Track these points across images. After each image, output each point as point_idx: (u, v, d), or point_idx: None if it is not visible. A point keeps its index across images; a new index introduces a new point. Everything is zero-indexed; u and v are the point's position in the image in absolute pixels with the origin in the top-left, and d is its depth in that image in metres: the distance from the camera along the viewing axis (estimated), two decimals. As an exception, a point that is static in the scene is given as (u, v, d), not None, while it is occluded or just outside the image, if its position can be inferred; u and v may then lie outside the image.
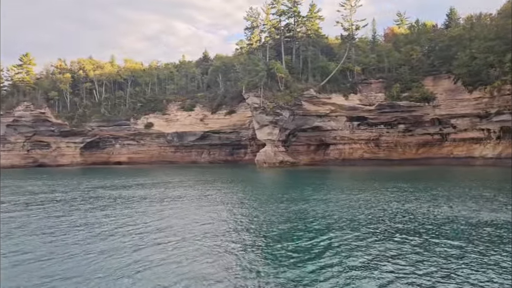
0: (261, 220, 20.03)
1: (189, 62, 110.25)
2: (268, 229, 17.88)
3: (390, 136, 72.37)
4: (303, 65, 71.83)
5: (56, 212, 23.45)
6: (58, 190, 36.18)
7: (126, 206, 25.44)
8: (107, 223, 19.51)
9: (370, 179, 43.63)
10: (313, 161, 74.53)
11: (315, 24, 72.97)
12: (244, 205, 25.78)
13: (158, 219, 20.68)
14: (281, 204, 24.89)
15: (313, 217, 20.26)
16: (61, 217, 21.46)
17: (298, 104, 68.05)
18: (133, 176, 55.28)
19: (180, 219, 20.71)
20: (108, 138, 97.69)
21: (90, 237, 16.54)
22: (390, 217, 19.85)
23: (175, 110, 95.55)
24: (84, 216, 21.58)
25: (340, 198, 27.08)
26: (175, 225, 18.88)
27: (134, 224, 19.08)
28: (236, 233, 17.15)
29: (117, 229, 17.98)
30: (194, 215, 21.68)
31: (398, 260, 12.46)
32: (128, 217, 21.26)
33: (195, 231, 17.35)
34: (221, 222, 19.49)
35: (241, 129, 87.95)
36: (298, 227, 17.86)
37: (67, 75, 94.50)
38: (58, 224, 19.57)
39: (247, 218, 20.82)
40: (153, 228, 18.09)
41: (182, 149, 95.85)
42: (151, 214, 22.27)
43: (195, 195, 31.02)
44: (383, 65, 74.32)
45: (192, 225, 18.73)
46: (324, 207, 23.23)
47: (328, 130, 73.13)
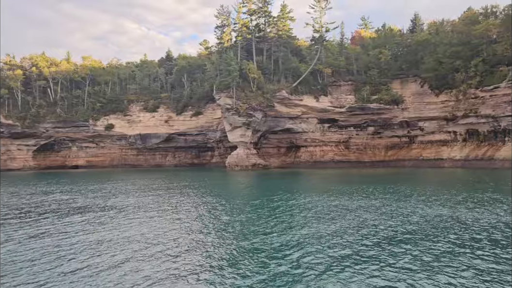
0: (240, 231, 17.90)
1: (151, 62, 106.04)
2: (249, 241, 15.92)
3: (359, 138, 72.84)
4: (274, 66, 70.62)
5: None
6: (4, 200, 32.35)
7: (80, 217, 22.34)
8: (56, 238, 16.92)
9: (341, 182, 42.86)
10: (284, 164, 73.50)
11: (286, 25, 72.02)
12: (220, 213, 23.15)
13: (122, 232, 17.82)
14: (260, 210, 23.41)
15: (290, 223, 19.25)
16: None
17: (271, 105, 66.78)
18: (91, 181, 50.94)
19: (149, 233, 17.62)
20: (64, 141, 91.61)
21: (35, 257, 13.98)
22: (358, 221, 19.34)
23: (137, 111, 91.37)
24: (31, 231, 18.42)
25: (319, 202, 25.92)
26: (141, 240, 16.16)
27: (88, 240, 16.43)
28: (214, 247, 15.14)
29: (72, 245, 15.60)
30: (162, 228, 18.65)
31: (365, 263, 12.52)
32: (81, 231, 18.44)
33: (162, 248, 14.98)
34: (194, 234, 17.40)
35: (208, 131, 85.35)
36: (285, 237, 16.34)
37: (18, 71, 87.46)
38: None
39: (224, 228, 18.65)
40: (111, 244, 15.66)
41: (145, 151, 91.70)
42: (109, 227, 19.02)
43: (164, 203, 27.19)
44: (352, 67, 74.97)
45: (160, 241, 15.95)
46: (306, 212, 22.18)
47: (299, 133, 72.44)
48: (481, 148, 60.87)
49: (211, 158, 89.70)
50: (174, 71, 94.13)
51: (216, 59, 68.55)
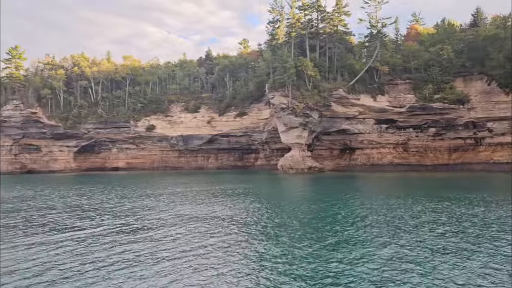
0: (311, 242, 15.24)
1: (190, 61, 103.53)
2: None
3: (419, 140, 68.20)
4: (329, 64, 66.71)
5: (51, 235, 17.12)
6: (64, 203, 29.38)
7: (133, 223, 20.10)
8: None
9: (404, 187, 39.44)
10: (339, 167, 69.44)
11: (342, 20, 68.05)
12: (287, 226, 19.06)
13: (175, 246, 15.05)
14: (329, 219, 20.25)
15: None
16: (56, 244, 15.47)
17: (327, 105, 62.89)
18: (137, 184, 48.03)
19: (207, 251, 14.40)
20: (104, 142, 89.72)
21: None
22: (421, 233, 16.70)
23: (178, 111, 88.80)
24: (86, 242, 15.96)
25: (391, 209, 22.30)
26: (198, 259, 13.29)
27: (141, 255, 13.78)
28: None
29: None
30: (221, 246, 15.17)
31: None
32: (133, 242, 15.88)
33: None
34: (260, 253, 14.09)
35: (254, 132, 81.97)
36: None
37: (60, 71, 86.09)
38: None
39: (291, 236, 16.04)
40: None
41: (187, 153, 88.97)
42: (163, 240, 16.29)
43: (220, 212, 23.30)
44: (409, 65, 70.43)
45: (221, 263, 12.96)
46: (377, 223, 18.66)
47: (355, 134, 68.32)
48: None
49: (256, 160, 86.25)
50: (216, 71, 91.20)
51: (269, 56, 64.93)
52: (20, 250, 14.62)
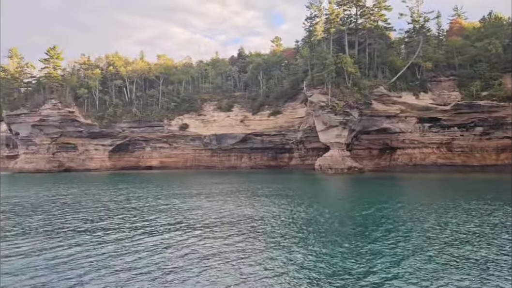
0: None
1: (222, 60, 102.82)
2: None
3: (464, 140, 64.82)
4: (369, 60, 64.32)
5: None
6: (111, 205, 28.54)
7: (172, 223, 19.33)
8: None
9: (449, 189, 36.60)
10: (379, 167, 66.92)
11: (382, 15, 65.52)
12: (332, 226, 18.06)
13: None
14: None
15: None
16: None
17: (368, 103, 60.61)
18: (172, 183, 47.04)
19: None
20: (138, 141, 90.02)
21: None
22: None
23: (211, 110, 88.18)
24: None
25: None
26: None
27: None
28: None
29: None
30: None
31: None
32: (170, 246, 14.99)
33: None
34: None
35: (288, 131, 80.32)
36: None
37: (96, 71, 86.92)
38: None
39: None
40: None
41: (219, 152, 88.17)
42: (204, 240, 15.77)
43: (266, 213, 22.24)
44: (453, 61, 67.17)
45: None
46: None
47: (396, 133, 65.64)
48: None
49: (289, 160, 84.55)
50: (249, 69, 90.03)
51: (307, 53, 63.10)
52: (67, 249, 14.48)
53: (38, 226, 19.07)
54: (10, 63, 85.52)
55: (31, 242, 15.67)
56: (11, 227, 18.98)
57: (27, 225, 19.49)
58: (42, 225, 19.47)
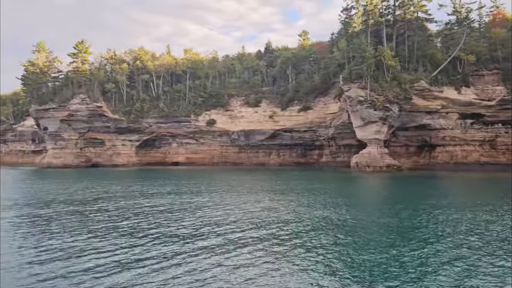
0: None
1: (249, 55, 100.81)
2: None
3: (509, 137, 61.44)
4: (409, 53, 61.38)
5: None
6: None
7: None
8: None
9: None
10: (417, 165, 64.07)
11: (423, 6, 62.37)
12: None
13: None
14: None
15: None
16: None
17: (408, 98, 57.81)
18: (200, 180, 45.56)
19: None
20: (165, 137, 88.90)
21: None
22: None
23: (238, 106, 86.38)
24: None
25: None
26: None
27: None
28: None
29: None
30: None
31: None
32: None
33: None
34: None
35: (319, 127, 77.90)
36: None
37: (124, 66, 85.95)
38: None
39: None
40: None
41: (247, 149, 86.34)
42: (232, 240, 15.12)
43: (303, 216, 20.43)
44: (496, 54, 63.68)
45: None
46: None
47: (435, 130, 62.65)
48: None
49: (320, 157, 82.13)
50: (278, 63, 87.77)
51: (344, 45, 60.48)
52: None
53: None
54: (38, 57, 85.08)
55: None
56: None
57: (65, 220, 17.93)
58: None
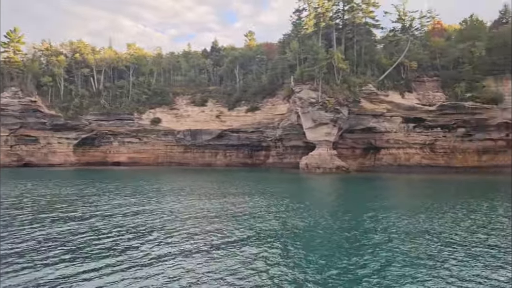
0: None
1: (195, 52, 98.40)
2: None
3: (446, 141, 64.93)
4: (357, 57, 62.85)
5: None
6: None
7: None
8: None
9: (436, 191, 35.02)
10: (363, 167, 65.69)
11: (371, 12, 64.17)
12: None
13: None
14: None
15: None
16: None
17: (356, 101, 59.09)
18: (141, 181, 43.17)
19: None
20: (106, 135, 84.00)
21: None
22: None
23: (184, 104, 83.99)
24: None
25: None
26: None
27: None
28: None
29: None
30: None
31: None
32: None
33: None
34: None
35: (267, 128, 77.57)
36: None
37: (61, 57, 79.91)
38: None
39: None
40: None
41: (193, 149, 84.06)
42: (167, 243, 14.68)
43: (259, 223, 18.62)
44: (436, 62, 67.27)
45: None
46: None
47: (380, 133, 64.65)
48: None
49: (266, 157, 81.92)
50: (225, 62, 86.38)
51: (297, 46, 60.43)
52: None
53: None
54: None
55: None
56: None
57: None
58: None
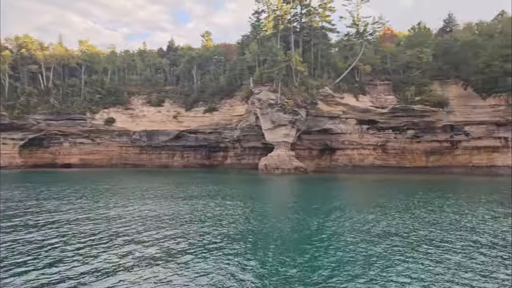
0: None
1: (150, 51, 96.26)
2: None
3: (397, 142, 68.03)
4: (314, 60, 64.31)
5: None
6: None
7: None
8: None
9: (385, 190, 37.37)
10: (320, 167, 67.29)
11: (327, 16, 65.86)
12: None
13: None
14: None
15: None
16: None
17: (314, 103, 60.45)
18: (96, 184, 42.25)
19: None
20: (55, 135, 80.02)
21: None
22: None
23: (140, 104, 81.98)
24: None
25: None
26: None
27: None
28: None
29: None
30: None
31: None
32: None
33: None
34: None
35: (225, 129, 77.35)
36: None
37: (6, 52, 75.22)
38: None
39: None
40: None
41: (149, 150, 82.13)
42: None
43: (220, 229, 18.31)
44: (387, 66, 70.34)
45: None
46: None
47: (336, 134, 66.53)
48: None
49: (224, 158, 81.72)
50: (183, 62, 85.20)
51: (256, 48, 60.69)
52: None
53: None
54: None
55: None
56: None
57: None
58: None
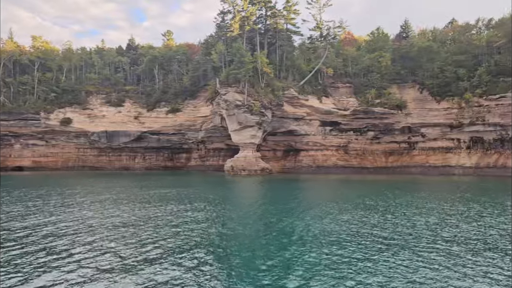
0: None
1: (109, 49, 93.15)
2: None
3: (358, 143, 70.03)
4: (280, 62, 64.91)
5: None
6: None
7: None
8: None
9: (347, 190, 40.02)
10: (285, 168, 67.98)
11: (292, 18, 66.68)
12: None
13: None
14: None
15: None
16: None
17: (280, 104, 60.98)
18: (48, 188, 40.65)
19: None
20: (5, 136, 75.37)
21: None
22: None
23: (98, 104, 79.20)
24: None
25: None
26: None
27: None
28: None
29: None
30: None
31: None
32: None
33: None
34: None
35: (189, 130, 76.30)
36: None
37: (-49, 48, 70.10)
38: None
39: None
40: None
41: (109, 151, 79.39)
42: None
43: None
44: (348, 69, 72.36)
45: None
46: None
47: (300, 135, 67.51)
48: (490, 156, 61.58)
49: (188, 160, 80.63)
50: (145, 61, 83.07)
51: (223, 48, 60.14)
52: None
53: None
54: None
55: None
56: None
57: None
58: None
